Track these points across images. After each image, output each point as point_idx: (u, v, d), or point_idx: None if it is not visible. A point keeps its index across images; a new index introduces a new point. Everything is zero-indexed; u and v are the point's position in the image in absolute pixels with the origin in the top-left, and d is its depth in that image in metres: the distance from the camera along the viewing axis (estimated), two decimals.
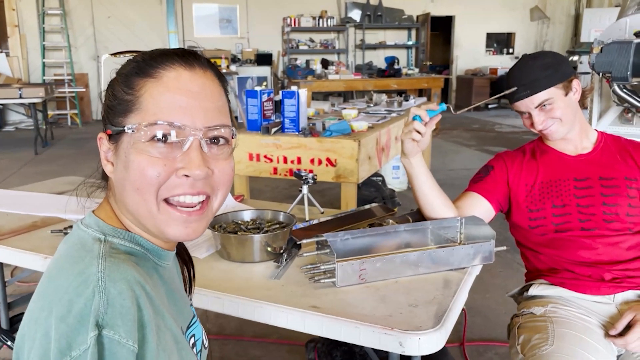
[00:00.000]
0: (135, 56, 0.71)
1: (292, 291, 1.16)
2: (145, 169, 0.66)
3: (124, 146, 0.68)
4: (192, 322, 0.81)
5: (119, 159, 0.69)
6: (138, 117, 0.67)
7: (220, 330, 2.41)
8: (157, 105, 0.66)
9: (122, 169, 0.68)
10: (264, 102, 2.62)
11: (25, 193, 1.96)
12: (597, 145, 1.48)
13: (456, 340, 2.30)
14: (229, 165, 0.72)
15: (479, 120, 9.59)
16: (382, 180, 3.99)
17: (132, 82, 0.68)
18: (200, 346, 0.82)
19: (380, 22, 10.72)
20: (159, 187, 0.66)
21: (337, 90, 8.00)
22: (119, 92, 0.69)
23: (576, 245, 1.40)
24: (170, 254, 0.76)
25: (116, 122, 0.68)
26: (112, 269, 0.61)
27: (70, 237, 0.70)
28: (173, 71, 0.68)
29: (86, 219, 0.72)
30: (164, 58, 0.69)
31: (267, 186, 4.94)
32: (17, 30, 9.17)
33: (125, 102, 0.68)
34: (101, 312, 0.56)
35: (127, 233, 0.71)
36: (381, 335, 0.98)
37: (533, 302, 1.45)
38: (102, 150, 0.71)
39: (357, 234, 1.33)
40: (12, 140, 7.82)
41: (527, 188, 1.47)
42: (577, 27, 11.65)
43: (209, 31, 10.08)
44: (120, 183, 0.69)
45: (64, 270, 0.62)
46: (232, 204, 1.79)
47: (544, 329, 1.31)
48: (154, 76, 0.67)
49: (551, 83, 1.39)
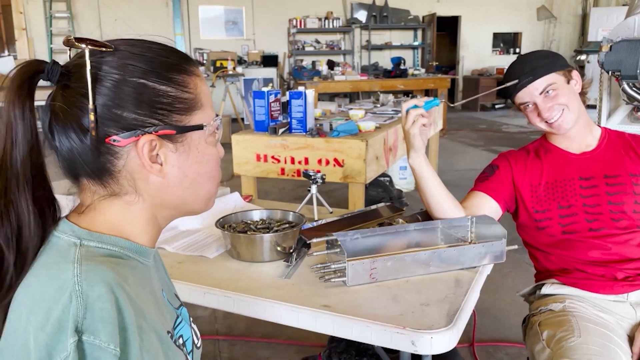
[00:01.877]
0: (155, 51, 0.70)
1: (303, 290, 1.15)
2: (217, 159, 0.75)
3: (194, 143, 0.71)
4: (177, 322, 0.78)
5: (186, 156, 0.70)
6: (204, 114, 0.72)
7: (228, 331, 2.41)
8: (208, 101, 0.73)
9: (189, 166, 0.71)
10: (271, 103, 2.62)
11: None
12: (601, 142, 1.47)
13: (466, 341, 2.29)
14: None
15: (485, 121, 9.56)
16: (389, 180, 3.98)
17: (181, 81, 0.70)
18: (191, 346, 0.80)
19: (386, 23, 10.71)
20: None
21: (343, 91, 7.99)
22: (170, 90, 0.68)
23: (586, 245, 1.38)
24: (151, 250, 0.74)
25: (174, 120, 0.68)
26: (89, 272, 0.59)
27: (45, 245, 0.66)
28: (196, 69, 0.73)
29: (60, 226, 0.68)
30: (185, 58, 0.73)
31: (275, 187, 4.94)
32: (25, 33, 9.22)
33: (186, 101, 0.70)
34: (80, 317, 0.55)
35: (102, 235, 0.67)
36: (393, 334, 0.98)
37: (548, 300, 1.42)
38: (144, 152, 0.66)
39: (367, 233, 1.32)
40: None
41: (532, 188, 1.46)
42: (584, 26, 11.60)
43: (215, 33, 10.11)
44: (180, 179, 0.71)
45: (39, 278, 0.60)
46: (241, 204, 1.79)
47: (567, 323, 1.29)
48: (196, 73, 0.72)
49: (552, 69, 1.39)
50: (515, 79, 1.41)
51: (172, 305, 0.81)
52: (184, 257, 1.34)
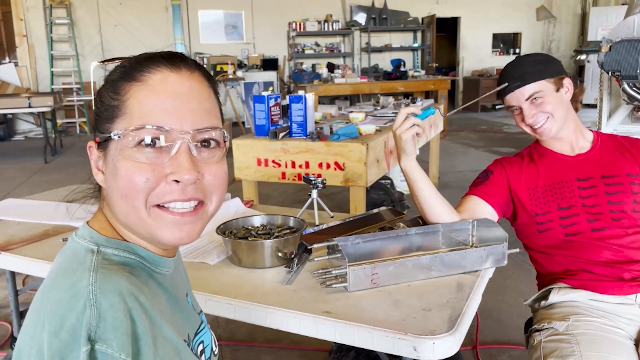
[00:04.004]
0: (122, 61, 0.69)
1: (304, 296, 1.15)
2: (132, 176, 0.64)
3: (111, 153, 0.66)
4: (200, 328, 0.80)
5: (108, 167, 0.67)
6: (124, 123, 0.65)
7: (231, 336, 2.41)
8: (142, 109, 0.64)
9: (110, 178, 0.67)
10: (271, 107, 2.62)
11: (36, 202, 1.97)
12: (594, 144, 1.48)
13: (469, 344, 2.29)
14: (221, 169, 0.70)
15: (486, 122, 9.55)
16: (390, 183, 3.98)
17: (118, 88, 0.66)
18: (209, 353, 0.81)
19: (386, 25, 10.71)
20: (147, 193, 0.64)
21: (344, 94, 8.00)
22: (106, 98, 0.67)
23: (589, 246, 1.38)
24: (169, 261, 0.74)
25: (103, 129, 0.67)
26: (103, 281, 0.59)
27: (65, 248, 0.69)
28: (159, 74, 0.66)
29: (80, 230, 0.70)
30: (150, 61, 0.67)
31: (275, 191, 4.94)
32: (26, 40, 9.25)
33: (112, 108, 0.66)
34: (93, 326, 0.55)
35: (121, 242, 0.69)
36: (395, 340, 0.97)
37: (553, 315, 1.38)
38: (93, 159, 0.70)
39: (368, 237, 1.32)
40: (21, 150, 7.88)
41: (529, 192, 1.46)
42: (583, 26, 11.59)
43: (214, 37, 10.12)
44: (111, 192, 0.67)
45: (57, 284, 0.61)
46: (241, 210, 1.79)
47: (570, 354, 1.23)
48: (139, 80, 0.65)
49: (541, 76, 1.40)
50: (506, 82, 1.43)
51: (195, 310, 0.82)
52: (185, 264, 1.34)
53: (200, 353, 0.77)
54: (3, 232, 1.62)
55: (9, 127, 8.93)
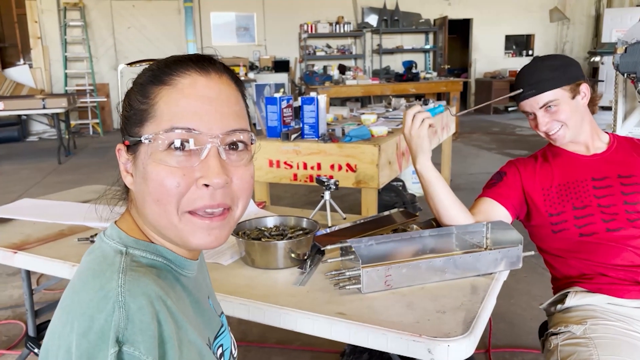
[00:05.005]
0: (150, 65, 0.70)
1: (317, 297, 1.15)
2: (164, 180, 0.64)
3: (141, 157, 0.66)
4: (221, 331, 0.80)
5: (138, 170, 0.67)
6: (154, 126, 0.65)
7: (243, 337, 2.41)
8: (172, 113, 0.65)
9: (141, 181, 0.67)
10: (283, 109, 2.63)
11: (52, 202, 1.99)
12: (610, 145, 1.47)
13: (482, 347, 2.27)
14: (248, 172, 0.70)
15: (499, 124, 9.49)
16: (402, 185, 3.96)
17: (147, 91, 0.67)
18: (228, 356, 0.81)
19: (397, 27, 10.69)
20: (179, 198, 0.65)
21: (355, 96, 7.99)
22: (135, 101, 0.68)
23: (604, 248, 1.36)
24: (194, 263, 0.75)
25: (133, 133, 0.67)
26: (132, 284, 0.60)
27: (94, 248, 0.70)
28: (188, 77, 0.66)
29: (108, 230, 0.71)
30: (179, 64, 0.67)
31: (287, 192, 4.95)
32: (40, 42, 9.36)
33: (141, 112, 0.67)
34: (121, 328, 0.55)
35: (149, 244, 0.70)
36: (409, 342, 0.97)
37: (569, 318, 1.36)
38: (121, 162, 0.71)
39: (381, 239, 1.32)
40: (36, 150, 7.97)
41: (544, 192, 1.45)
42: (597, 27, 11.49)
43: (226, 39, 10.18)
44: (140, 195, 0.68)
45: (86, 284, 0.61)
46: (254, 211, 1.79)
47: (587, 357, 1.22)
48: (168, 83, 0.66)
49: (557, 84, 1.38)
50: (520, 88, 1.43)
51: (216, 312, 0.83)
52: None
53: (220, 356, 0.77)
54: (19, 232, 1.64)
55: (24, 128, 9.05)
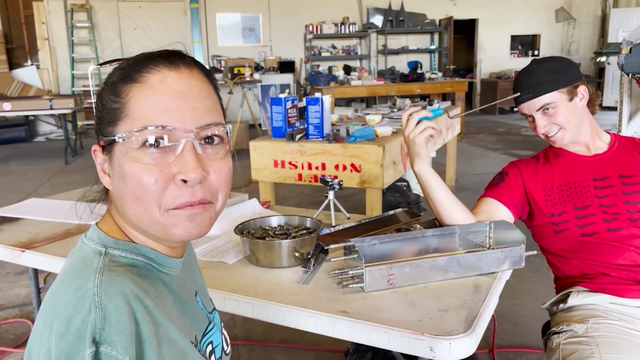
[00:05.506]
0: (120, 63, 0.69)
1: (321, 296, 1.16)
2: (141, 177, 0.64)
3: (117, 157, 0.66)
4: (209, 328, 0.79)
5: (115, 170, 0.67)
6: (127, 125, 0.65)
7: (247, 336, 2.43)
8: (144, 110, 0.64)
9: (118, 181, 0.67)
10: (288, 109, 2.64)
11: (58, 201, 2.01)
12: (612, 145, 1.48)
13: (485, 347, 2.27)
14: (226, 165, 0.69)
15: (504, 124, 9.47)
16: (406, 185, 3.97)
17: (118, 90, 0.66)
18: (220, 352, 0.81)
19: (403, 27, 10.69)
20: (159, 194, 0.64)
21: (360, 96, 8.00)
22: (107, 101, 0.67)
23: (606, 247, 1.37)
24: (177, 261, 0.74)
25: (107, 133, 0.67)
26: (108, 284, 0.60)
27: (75, 250, 0.70)
28: (158, 73, 0.66)
29: (89, 232, 0.71)
30: (148, 61, 0.67)
31: (292, 192, 4.96)
32: (47, 43, 9.43)
33: (114, 111, 0.66)
34: (98, 328, 0.55)
35: (129, 244, 0.69)
36: (411, 340, 0.98)
37: (571, 317, 1.37)
38: (98, 163, 0.71)
39: (384, 239, 1.33)
40: (43, 151, 8.02)
41: (545, 192, 1.45)
42: (604, 27, 11.44)
43: (232, 40, 10.21)
44: (119, 194, 0.68)
45: (65, 286, 0.62)
46: (259, 210, 1.81)
47: (589, 356, 1.22)
48: (139, 81, 0.65)
49: (554, 87, 1.39)
50: (519, 91, 1.44)
51: (205, 309, 0.82)
52: (204, 263, 1.36)
53: (209, 354, 0.77)
54: (26, 231, 1.66)
55: (31, 128, 9.10)
